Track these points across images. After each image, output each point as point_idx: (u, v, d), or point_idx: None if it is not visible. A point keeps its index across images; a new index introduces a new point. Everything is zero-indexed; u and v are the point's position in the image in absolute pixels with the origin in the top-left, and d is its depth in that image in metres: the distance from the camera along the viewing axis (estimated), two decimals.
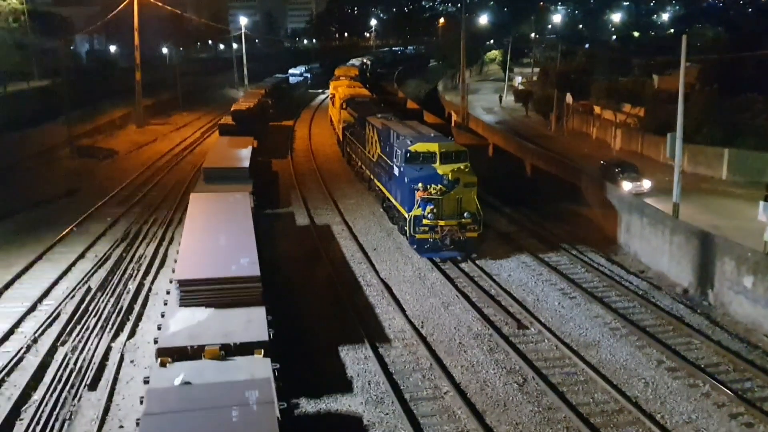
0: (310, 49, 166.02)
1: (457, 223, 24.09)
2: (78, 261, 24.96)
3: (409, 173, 24.53)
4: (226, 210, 21.17)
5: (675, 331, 19.61)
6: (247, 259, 16.37)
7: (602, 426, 14.83)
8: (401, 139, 26.07)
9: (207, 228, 19.28)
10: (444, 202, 23.95)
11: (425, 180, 23.94)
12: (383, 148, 28.85)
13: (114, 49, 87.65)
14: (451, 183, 23.93)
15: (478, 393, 16.16)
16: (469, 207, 24.23)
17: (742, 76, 50.87)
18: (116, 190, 35.94)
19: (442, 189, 23.83)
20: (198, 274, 15.62)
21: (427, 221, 23.89)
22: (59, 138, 45.98)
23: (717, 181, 38.15)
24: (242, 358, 13.19)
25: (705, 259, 22.10)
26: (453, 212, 24.15)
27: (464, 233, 24.23)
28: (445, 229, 24.03)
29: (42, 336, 18.69)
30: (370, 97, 46.84)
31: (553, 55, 76.79)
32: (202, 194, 23.59)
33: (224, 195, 23.04)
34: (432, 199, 23.79)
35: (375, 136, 30.48)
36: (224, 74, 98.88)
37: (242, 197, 22.76)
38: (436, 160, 24.45)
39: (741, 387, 16.47)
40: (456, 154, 24.95)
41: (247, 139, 35.74)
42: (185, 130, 59.30)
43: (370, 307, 21.08)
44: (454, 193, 23.96)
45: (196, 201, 22.37)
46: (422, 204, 23.85)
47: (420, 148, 24.87)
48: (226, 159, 30.42)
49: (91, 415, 14.96)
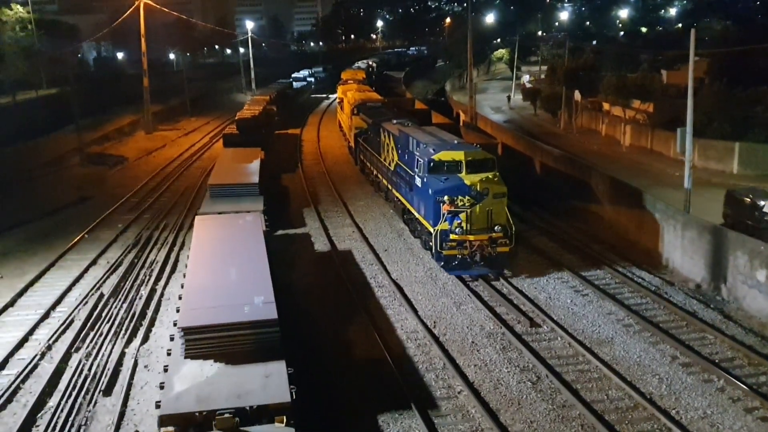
0: (317, 52, 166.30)
1: (487, 237, 22.10)
2: (90, 267, 25.09)
3: (433, 184, 22.67)
4: (236, 235, 19.49)
5: (688, 326, 19.51)
6: (262, 298, 14.53)
7: (617, 423, 14.77)
8: (423, 147, 24.32)
9: (214, 258, 17.59)
10: (473, 215, 22.03)
11: (451, 191, 22.10)
12: (401, 156, 27.26)
13: (121, 56, 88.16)
14: (479, 194, 22.08)
15: (492, 392, 16.13)
16: (499, 219, 22.31)
17: (751, 69, 50.48)
18: (126, 196, 36.11)
19: (470, 201, 22.05)
20: (205, 319, 13.65)
21: (455, 236, 21.97)
22: (69, 146, 46.26)
23: (728, 176, 37.90)
24: (261, 429, 11.44)
25: (718, 253, 21.96)
26: (483, 226, 22.18)
27: (495, 248, 22.25)
28: (474, 244, 22.10)
29: (56, 343, 18.80)
30: (382, 102, 44.68)
31: (561, 53, 76.59)
32: (208, 216, 21.97)
33: (233, 216, 21.50)
34: (459, 211, 21.99)
35: (391, 143, 28.90)
36: (231, 79, 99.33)
37: (253, 219, 21.14)
38: (462, 170, 22.65)
39: (756, 381, 16.36)
40: (483, 162, 23.13)
41: (254, 150, 33.96)
42: (194, 136, 59.51)
43: (382, 308, 21.11)
44: (483, 204, 22.04)
45: (201, 224, 20.73)
46: (449, 217, 22.01)
47: (444, 157, 23.01)
48: (233, 174, 28.55)
49: (106, 420, 15.03)
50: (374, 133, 33.38)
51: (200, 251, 18.24)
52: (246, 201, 24.68)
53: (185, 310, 14.34)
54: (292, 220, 31.02)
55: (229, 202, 24.55)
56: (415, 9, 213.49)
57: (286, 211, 32.75)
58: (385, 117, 33.56)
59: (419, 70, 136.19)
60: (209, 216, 21.88)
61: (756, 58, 50.99)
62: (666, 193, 28.25)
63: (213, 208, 23.90)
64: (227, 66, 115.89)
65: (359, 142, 38.40)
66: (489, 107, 76.87)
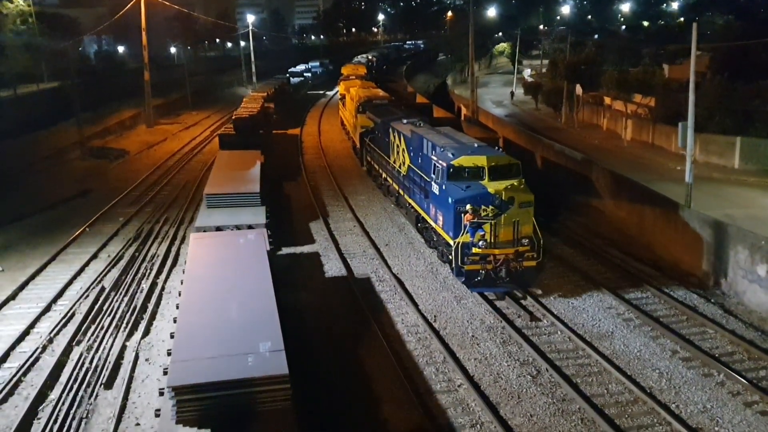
0: (318, 45, 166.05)
1: (513, 250, 20.17)
2: (91, 261, 25.13)
3: (453, 192, 20.70)
4: (236, 259, 17.27)
5: (689, 321, 19.53)
6: (269, 344, 12.28)
7: (617, 417, 14.80)
8: (440, 151, 22.36)
9: (211, 291, 15.20)
10: (497, 227, 20.05)
11: (474, 200, 20.04)
12: (414, 159, 25.39)
13: (122, 49, 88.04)
14: (504, 203, 20.03)
15: (492, 385, 16.17)
16: (526, 231, 20.33)
17: (753, 63, 50.40)
18: (128, 190, 36.11)
19: (495, 211, 20.01)
20: (200, 375, 11.53)
21: (478, 250, 20.03)
22: (70, 139, 46.25)
23: (729, 170, 37.84)
24: None
25: (718, 248, 21.98)
26: (508, 238, 20.19)
27: (521, 262, 20.26)
28: (499, 258, 20.18)
29: (57, 336, 18.85)
30: (389, 99, 42.15)
31: (562, 47, 76.49)
32: (205, 235, 19.76)
33: (232, 235, 19.38)
34: (483, 223, 20.00)
35: (402, 144, 27.13)
36: (233, 73, 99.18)
37: (255, 238, 18.76)
38: (484, 176, 20.77)
39: (756, 376, 16.40)
40: (507, 168, 21.20)
41: (253, 153, 31.44)
42: (195, 129, 59.48)
43: (382, 303, 21.14)
44: (508, 215, 20.08)
45: (197, 245, 18.38)
46: (471, 229, 20.01)
47: (465, 162, 21.13)
48: (231, 181, 26.12)
49: (107, 413, 15.08)
50: (382, 133, 31.62)
51: (195, 281, 15.84)
52: (246, 212, 22.81)
53: (176, 362, 12.09)
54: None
55: (228, 214, 22.65)
56: (416, 2, 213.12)
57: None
58: (393, 116, 31.83)
59: (420, 64, 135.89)
60: (206, 235, 19.69)
61: (758, 53, 50.92)
62: (667, 188, 28.19)
63: (209, 220, 22.00)
64: (228, 59, 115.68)
65: (365, 143, 36.32)
66: (490, 101, 76.74)
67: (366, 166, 37.59)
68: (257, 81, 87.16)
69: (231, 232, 20.08)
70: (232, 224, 21.60)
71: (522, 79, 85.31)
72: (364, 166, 38.31)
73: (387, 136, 30.10)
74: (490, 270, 20.20)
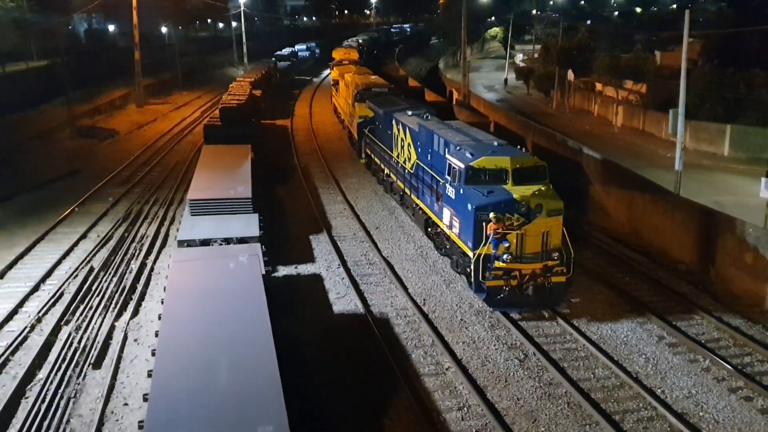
0: (310, 27, 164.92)
1: (542, 265, 18.16)
2: (80, 241, 25.03)
3: (473, 198, 18.53)
4: (226, 293, 13.95)
5: (676, 307, 19.68)
6: (271, 429, 9.48)
7: (603, 401, 14.94)
8: (455, 150, 20.31)
9: (196, 341, 12.01)
10: (525, 238, 17.95)
11: (497, 208, 17.87)
12: (422, 156, 23.44)
13: (112, 28, 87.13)
14: (531, 211, 17.96)
15: (480, 369, 16.28)
16: (555, 242, 18.31)
17: (745, 51, 50.57)
18: (117, 170, 35.92)
19: (521, 219, 17.89)
20: None
21: (502, 264, 17.92)
22: (59, 118, 45.86)
23: (719, 158, 38.05)
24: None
25: (706, 235, 22.11)
26: (536, 250, 18.13)
27: (549, 278, 18.20)
28: (526, 274, 18.12)
29: (46, 315, 18.80)
30: (389, 87, 39.36)
31: (555, 32, 76.33)
32: (188, 256, 16.45)
33: (220, 257, 15.99)
34: (508, 233, 17.92)
35: (408, 139, 25.20)
36: (224, 53, 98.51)
37: (249, 262, 15.61)
38: (507, 180, 18.73)
39: (740, 362, 16.58)
40: (533, 171, 19.22)
41: (242, 148, 28.46)
42: (185, 110, 59.12)
43: (372, 285, 21.20)
44: (536, 224, 17.97)
45: (178, 271, 15.20)
46: (494, 240, 17.93)
47: (486, 164, 18.97)
48: (218, 183, 23.09)
49: (95, 393, 15.09)
50: (384, 124, 29.38)
51: (175, 323, 12.70)
52: (236, 221, 20.17)
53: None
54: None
55: (215, 223, 19.95)
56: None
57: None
58: (396, 106, 29.82)
59: (413, 48, 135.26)
60: (188, 256, 16.35)
61: (749, 41, 51.03)
62: (657, 174, 28.33)
63: (194, 232, 19.31)
64: (219, 40, 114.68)
65: (365, 134, 33.73)
66: (482, 86, 76.67)
67: (365, 159, 34.99)
68: (249, 62, 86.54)
69: (219, 253, 16.81)
70: (220, 237, 18.84)
71: (514, 64, 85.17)
72: (362, 158, 35.56)
73: (389, 128, 28.19)
74: (515, 286, 18.09)
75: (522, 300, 18.26)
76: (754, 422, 14.26)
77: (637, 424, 14.16)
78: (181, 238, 18.98)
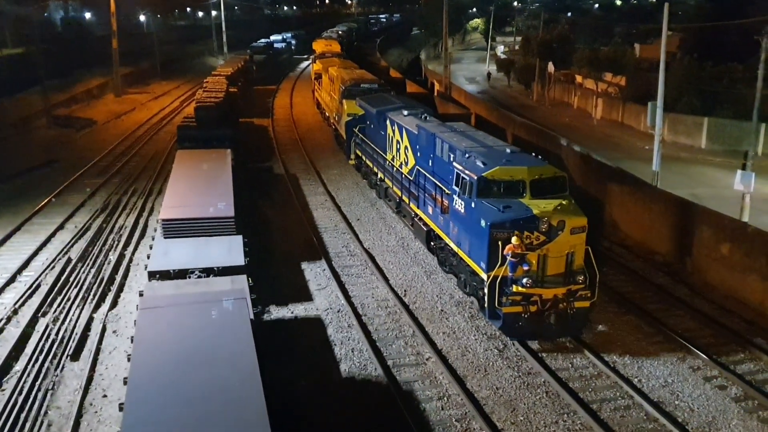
0: (291, 16, 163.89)
1: (566, 290, 16.30)
2: (57, 232, 24.75)
3: (487, 213, 16.60)
4: (207, 353, 11.11)
5: (653, 297, 19.91)
6: None
7: (581, 390, 15.10)
8: (464, 157, 18.44)
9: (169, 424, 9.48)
10: (547, 259, 16.28)
11: (515, 225, 16.08)
12: (422, 161, 21.72)
13: (89, 16, 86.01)
14: (554, 229, 16.15)
15: (460, 359, 16.38)
16: (579, 263, 16.53)
17: (723, 44, 51.05)
18: (95, 160, 35.54)
19: (541, 238, 16.18)
20: None
21: (521, 289, 16.05)
22: (35, 107, 45.23)
23: (696, 150, 38.49)
24: None
25: (683, 227, 22.36)
26: (560, 273, 16.39)
27: (572, 303, 16.33)
28: (548, 300, 16.26)
29: (22, 307, 18.59)
30: (378, 82, 37.01)
31: (536, 24, 76.57)
32: (158, 301, 13.41)
33: (198, 304, 12.91)
34: (527, 254, 16.14)
35: (404, 141, 23.53)
36: (203, 42, 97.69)
37: (234, 308, 12.64)
38: (524, 193, 16.92)
39: (715, 351, 16.82)
40: (552, 182, 17.40)
41: (220, 154, 25.60)
42: (164, 99, 58.60)
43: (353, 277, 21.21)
44: (558, 243, 16.15)
45: (148, 323, 12.16)
46: (512, 262, 16.06)
47: (501, 175, 17.06)
48: (195, 199, 19.95)
49: (74, 385, 14.98)
50: (377, 124, 27.49)
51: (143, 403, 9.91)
52: (217, 246, 17.25)
53: None
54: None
55: (192, 249, 17.04)
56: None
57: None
58: (390, 104, 27.87)
59: (394, 38, 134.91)
60: (159, 304, 13.14)
61: (728, 35, 51.52)
62: (635, 166, 28.57)
63: (167, 260, 16.26)
64: (199, 29, 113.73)
65: (354, 134, 31.08)
66: (463, 77, 76.77)
67: (354, 161, 32.29)
68: (228, 51, 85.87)
69: (197, 297, 13.46)
70: (198, 267, 15.90)
71: (495, 56, 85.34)
72: (351, 159, 32.87)
73: (383, 129, 26.47)
74: (534, 313, 16.26)
75: (543, 329, 16.48)
76: (728, 410, 14.50)
77: (614, 412, 14.34)
78: (153, 269, 15.88)
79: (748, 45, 31.45)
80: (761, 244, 19.29)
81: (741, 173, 23.73)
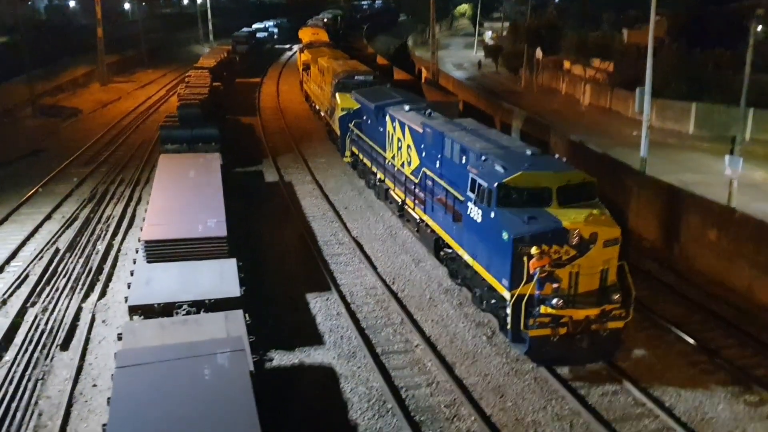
0: (277, 3, 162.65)
1: (599, 310, 14.59)
2: (45, 222, 24.62)
3: (509, 225, 14.82)
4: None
5: (641, 284, 20.03)
6: None
7: (567, 375, 15.22)
8: (481, 161, 16.66)
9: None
10: (579, 276, 14.51)
11: (542, 238, 14.40)
12: (428, 161, 20.04)
13: (73, 4, 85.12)
14: (585, 242, 14.49)
15: (448, 346, 16.46)
16: (613, 279, 14.95)
17: (711, 30, 51.22)
18: (81, 149, 35.29)
19: (571, 252, 14.54)
20: None
21: (551, 310, 14.32)
22: (20, 97, 44.83)
23: (684, 136, 38.62)
24: None
25: (671, 213, 22.50)
26: (593, 291, 14.68)
27: (606, 324, 14.71)
28: (579, 321, 14.58)
29: (11, 297, 18.53)
30: (373, 73, 34.89)
31: (524, 10, 76.43)
32: (138, 356, 10.95)
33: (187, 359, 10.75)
34: (556, 270, 14.46)
35: (406, 139, 21.90)
36: (189, 30, 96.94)
37: (232, 366, 10.58)
38: (551, 201, 15.28)
39: (702, 337, 16.97)
40: (580, 189, 15.72)
41: (208, 159, 23.49)
42: (150, 88, 58.17)
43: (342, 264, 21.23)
44: (590, 257, 14.44)
45: (126, 387, 10.10)
46: (539, 280, 14.42)
47: (524, 182, 15.31)
48: (181, 216, 17.71)
49: (64, 374, 14.97)
50: (374, 120, 25.82)
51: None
52: (207, 272, 15.15)
53: None
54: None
55: (178, 274, 15.02)
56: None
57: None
58: (389, 98, 25.92)
59: (381, 25, 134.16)
60: (140, 360, 10.79)
61: (715, 20, 51.70)
62: (623, 153, 28.67)
63: (150, 291, 14.27)
64: (185, 17, 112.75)
65: (350, 129, 28.97)
66: (451, 63, 76.57)
67: (350, 158, 30.16)
68: (214, 39, 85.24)
69: (186, 349, 11.14)
70: (187, 300, 13.88)
71: (483, 42, 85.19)
72: (345, 157, 30.58)
73: (382, 125, 24.84)
74: (564, 336, 14.60)
75: (573, 354, 14.93)
76: (714, 395, 14.66)
77: (602, 397, 14.47)
78: (134, 302, 13.79)
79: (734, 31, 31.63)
80: (748, 229, 19.44)
81: (729, 158, 23.86)
